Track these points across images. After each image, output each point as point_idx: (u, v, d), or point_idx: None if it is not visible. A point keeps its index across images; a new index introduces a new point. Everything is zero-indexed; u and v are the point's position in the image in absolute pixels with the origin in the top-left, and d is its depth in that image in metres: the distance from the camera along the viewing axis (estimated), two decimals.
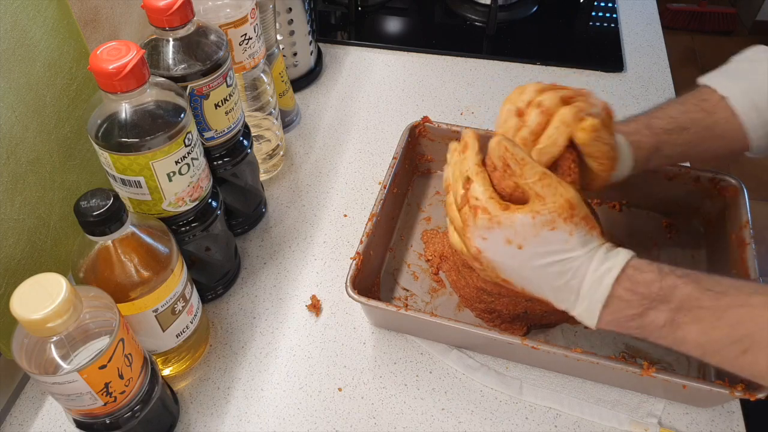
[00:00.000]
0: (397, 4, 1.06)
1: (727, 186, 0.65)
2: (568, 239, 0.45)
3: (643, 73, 0.91)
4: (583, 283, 0.46)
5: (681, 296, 0.44)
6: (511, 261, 0.47)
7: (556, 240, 0.45)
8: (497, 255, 0.47)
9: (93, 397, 0.44)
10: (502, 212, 0.46)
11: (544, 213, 0.45)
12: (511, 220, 0.46)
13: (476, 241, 0.48)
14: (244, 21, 0.62)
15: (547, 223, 0.45)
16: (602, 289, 0.45)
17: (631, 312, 0.45)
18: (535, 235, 0.46)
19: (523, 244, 0.46)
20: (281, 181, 0.77)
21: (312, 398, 0.58)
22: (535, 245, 0.46)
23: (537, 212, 0.45)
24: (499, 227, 0.46)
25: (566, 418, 0.56)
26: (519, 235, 0.46)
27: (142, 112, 0.47)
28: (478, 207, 0.48)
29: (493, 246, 0.47)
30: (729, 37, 2.55)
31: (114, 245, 0.46)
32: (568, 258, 0.46)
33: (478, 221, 0.47)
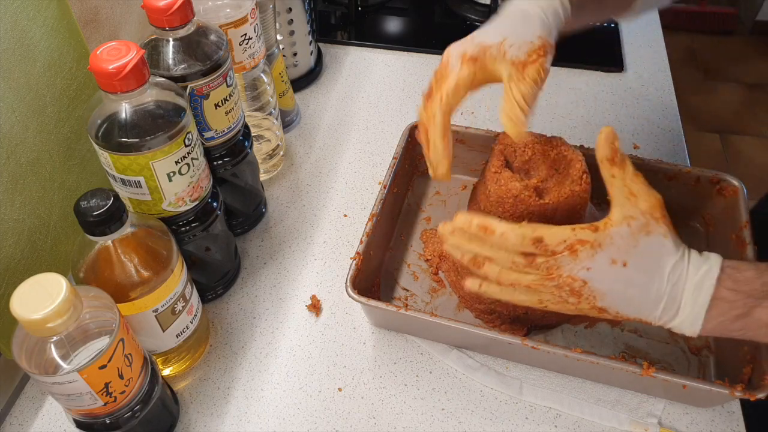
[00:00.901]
0: (397, 4, 1.06)
1: (727, 186, 0.65)
2: (664, 242, 0.45)
3: (643, 73, 0.91)
4: (684, 290, 0.45)
5: None
6: (617, 284, 0.46)
7: (654, 245, 0.45)
8: (603, 281, 0.46)
9: (93, 397, 0.44)
10: (597, 234, 0.45)
11: (638, 216, 0.45)
12: (610, 237, 0.45)
13: (580, 274, 0.46)
14: (244, 21, 0.62)
15: (643, 227, 0.45)
16: (705, 292, 0.44)
17: (736, 312, 0.44)
18: (635, 246, 0.45)
19: (627, 260, 0.45)
20: (281, 181, 0.77)
21: (312, 398, 0.58)
22: (637, 257, 0.45)
23: (631, 217, 0.45)
24: (601, 249, 0.45)
25: (566, 418, 0.56)
26: (622, 250, 0.45)
27: (142, 112, 0.47)
28: (573, 243, 0.45)
29: (598, 272, 0.45)
30: (729, 37, 2.55)
31: (114, 245, 0.46)
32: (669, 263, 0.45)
33: (581, 254, 0.45)
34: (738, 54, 2.47)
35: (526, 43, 0.50)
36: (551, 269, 0.46)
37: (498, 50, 0.51)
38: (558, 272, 0.46)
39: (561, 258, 0.46)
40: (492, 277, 0.49)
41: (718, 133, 2.16)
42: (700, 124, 2.18)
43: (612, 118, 0.84)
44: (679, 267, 0.45)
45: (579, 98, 0.87)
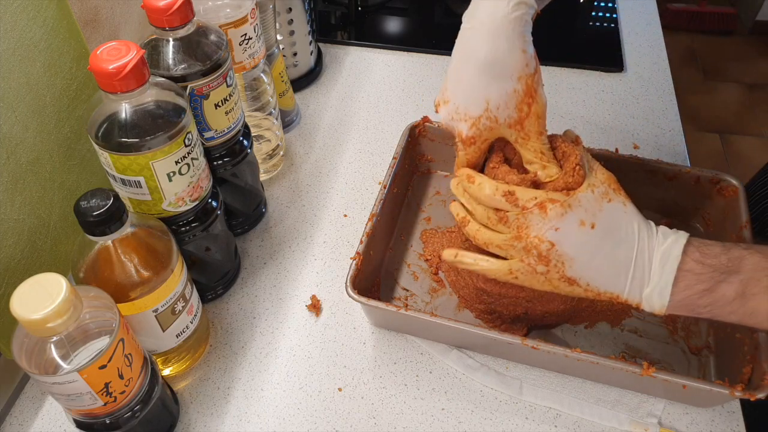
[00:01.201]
0: (397, 4, 1.06)
1: (727, 186, 0.65)
2: (625, 210, 0.48)
3: (643, 73, 0.91)
4: (652, 258, 0.46)
5: (750, 266, 0.44)
6: (585, 247, 0.47)
7: (617, 211, 0.47)
8: (572, 243, 0.48)
9: (93, 397, 0.44)
10: (567, 197, 0.48)
11: (598, 184, 0.48)
12: (578, 200, 0.48)
13: (548, 235, 0.47)
14: (244, 21, 0.62)
15: (604, 194, 0.48)
16: (672, 261, 0.45)
17: (702, 287, 0.45)
18: (600, 209, 0.47)
19: (594, 222, 0.47)
20: (281, 181, 0.77)
21: (312, 398, 0.58)
22: (603, 220, 0.47)
23: (593, 185, 0.48)
24: (570, 210, 0.47)
25: (566, 418, 0.56)
26: (589, 212, 0.47)
27: (142, 112, 0.47)
28: (544, 201, 0.48)
29: (567, 233, 0.47)
30: (729, 37, 2.55)
31: (114, 245, 0.46)
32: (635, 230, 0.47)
33: (550, 212, 0.48)
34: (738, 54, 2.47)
35: (509, 95, 0.50)
36: (521, 228, 0.48)
37: (489, 120, 0.51)
38: (527, 231, 0.48)
39: (531, 216, 0.48)
40: (470, 234, 0.52)
41: (718, 133, 2.16)
42: (700, 124, 2.18)
43: (612, 118, 0.84)
44: (644, 234, 0.47)
45: (579, 98, 0.87)
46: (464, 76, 0.51)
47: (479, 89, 0.50)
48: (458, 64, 0.52)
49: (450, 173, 0.76)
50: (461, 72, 0.51)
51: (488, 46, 0.49)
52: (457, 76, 0.52)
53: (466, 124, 0.52)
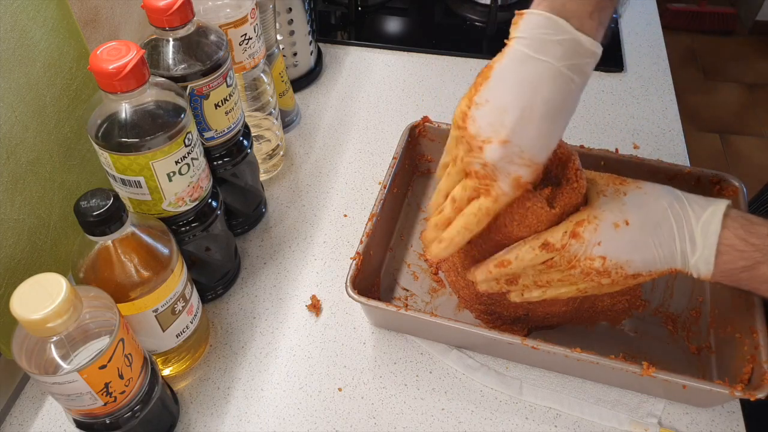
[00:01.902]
0: (397, 4, 1.06)
1: (728, 186, 0.65)
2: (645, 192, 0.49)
3: (643, 73, 0.91)
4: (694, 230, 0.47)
5: None
6: (631, 245, 0.48)
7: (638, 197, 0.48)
8: (618, 248, 0.48)
9: (93, 397, 0.44)
10: (589, 210, 0.48)
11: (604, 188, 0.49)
12: (600, 208, 0.48)
13: (595, 252, 0.48)
14: (244, 21, 0.62)
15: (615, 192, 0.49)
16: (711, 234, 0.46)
17: (743, 263, 0.46)
18: (623, 204, 0.48)
19: (626, 218, 0.48)
20: (281, 181, 0.77)
21: (312, 398, 0.58)
22: (633, 213, 0.48)
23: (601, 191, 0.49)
24: (599, 220, 0.48)
25: (566, 418, 0.56)
26: (615, 211, 0.48)
27: (142, 112, 0.47)
28: (574, 232, 0.49)
29: (610, 242, 0.48)
30: (729, 37, 2.55)
31: (114, 245, 0.46)
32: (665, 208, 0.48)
33: (585, 234, 0.48)
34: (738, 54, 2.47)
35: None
36: (570, 260, 0.49)
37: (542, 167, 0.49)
38: (576, 260, 0.49)
39: (571, 247, 0.48)
40: (529, 285, 0.53)
41: (718, 133, 2.16)
42: (700, 124, 2.18)
43: (612, 118, 0.84)
44: (675, 206, 0.48)
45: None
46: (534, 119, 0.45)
47: (548, 135, 0.46)
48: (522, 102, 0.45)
49: None
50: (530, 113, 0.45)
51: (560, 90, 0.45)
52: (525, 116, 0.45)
53: (529, 169, 0.46)
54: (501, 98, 0.45)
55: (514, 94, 0.45)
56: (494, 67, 0.46)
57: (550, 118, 0.45)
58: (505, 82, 0.45)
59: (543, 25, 0.44)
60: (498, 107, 0.45)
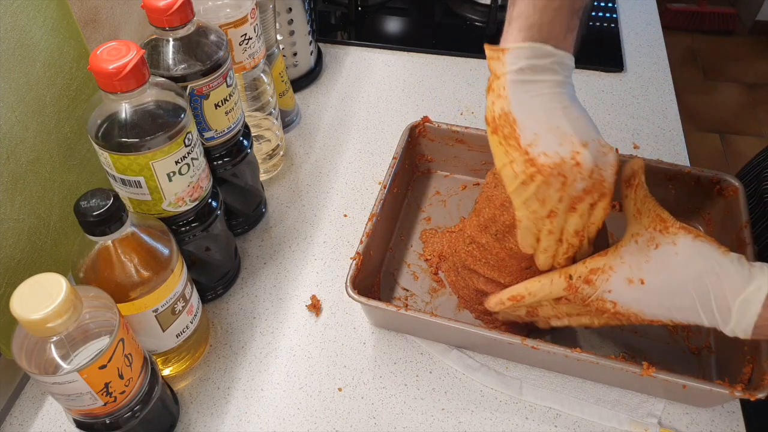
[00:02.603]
0: (397, 4, 1.06)
1: (727, 186, 0.65)
2: (678, 250, 0.45)
3: (643, 73, 0.91)
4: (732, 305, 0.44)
5: None
6: (646, 299, 0.47)
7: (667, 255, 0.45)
8: (630, 299, 0.47)
9: (93, 397, 0.44)
10: (605, 257, 0.47)
11: (643, 232, 0.46)
12: (620, 257, 0.47)
13: (606, 297, 0.48)
14: (244, 21, 0.62)
15: (650, 241, 0.45)
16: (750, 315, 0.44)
17: None
18: (647, 261, 0.45)
19: (642, 277, 0.46)
20: (281, 181, 0.77)
21: (312, 398, 0.58)
22: (652, 272, 0.45)
23: (637, 234, 0.46)
24: (612, 271, 0.47)
25: (566, 418, 0.56)
26: (634, 268, 0.46)
27: (142, 112, 0.47)
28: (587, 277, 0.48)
29: (621, 293, 0.47)
30: (729, 37, 2.55)
31: (114, 245, 0.46)
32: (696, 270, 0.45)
33: (597, 282, 0.48)
34: (738, 54, 2.47)
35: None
36: (584, 299, 0.49)
37: None
38: (589, 300, 0.49)
39: (583, 290, 0.49)
40: (549, 315, 0.54)
41: (718, 133, 2.16)
42: (700, 124, 2.18)
43: (612, 118, 0.84)
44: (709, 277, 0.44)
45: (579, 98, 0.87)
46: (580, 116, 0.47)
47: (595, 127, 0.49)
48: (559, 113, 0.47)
49: (450, 173, 0.76)
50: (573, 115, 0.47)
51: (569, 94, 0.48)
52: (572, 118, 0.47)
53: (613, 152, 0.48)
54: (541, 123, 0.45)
55: (547, 111, 0.45)
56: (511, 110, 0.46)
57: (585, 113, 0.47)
58: (531, 110, 0.46)
59: (530, 55, 0.45)
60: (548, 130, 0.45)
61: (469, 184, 0.75)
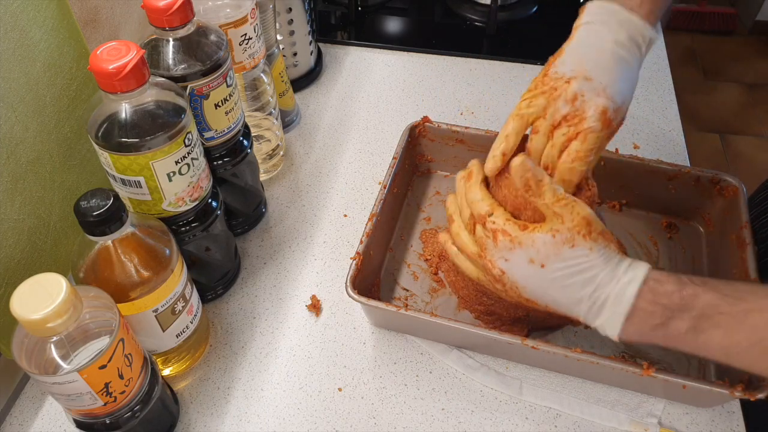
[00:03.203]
0: (397, 4, 1.06)
1: (727, 186, 0.65)
2: (589, 254, 0.47)
3: (643, 73, 0.91)
4: (607, 297, 0.46)
5: (702, 304, 0.45)
6: (534, 280, 0.48)
7: (577, 256, 0.47)
8: (521, 275, 0.48)
9: (93, 397, 0.44)
10: (521, 233, 0.48)
11: (564, 231, 0.47)
12: (532, 240, 0.47)
13: (499, 263, 0.49)
14: (244, 21, 0.62)
15: (567, 240, 0.47)
16: (625, 302, 0.46)
17: (654, 322, 0.46)
18: (557, 254, 0.47)
19: (545, 263, 0.47)
20: (281, 181, 0.77)
21: (312, 398, 0.58)
22: (557, 263, 0.47)
23: (557, 230, 0.47)
24: (520, 247, 0.48)
25: (566, 418, 0.56)
26: (541, 254, 0.47)
27: (142, 112, 0.47)
28: (497, 230, 0.49)
29: (516, 266, 0.48)
30: (729, 37, 2.55)
31: (114, 245, 0.46)
32: (591, 274, 0.47)
33: (500, 243, 0.49)
34: (738, 54, 2.47)
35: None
36: (482, 248, 0.50)
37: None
38: (485, 253, 0.50)
39: (487, 241, 0.50)
40: (452, 232, 0.55)
41: (718, 133, 2.16)
42: (700, 124, 2.18)
43: None
44: (600, 275, 0.46)
45: None
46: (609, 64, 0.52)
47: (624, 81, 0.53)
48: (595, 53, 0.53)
49: (450, 173, 0.76)
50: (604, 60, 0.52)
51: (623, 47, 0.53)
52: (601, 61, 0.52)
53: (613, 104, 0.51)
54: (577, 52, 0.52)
55: (588, 47, 0.52)
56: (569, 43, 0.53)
57: (621, 67, 0.51)
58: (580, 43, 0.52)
59: (600, 11, 0.53)
60: (577, 57, 0.52)
61: None
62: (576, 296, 0.47)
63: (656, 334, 0.46)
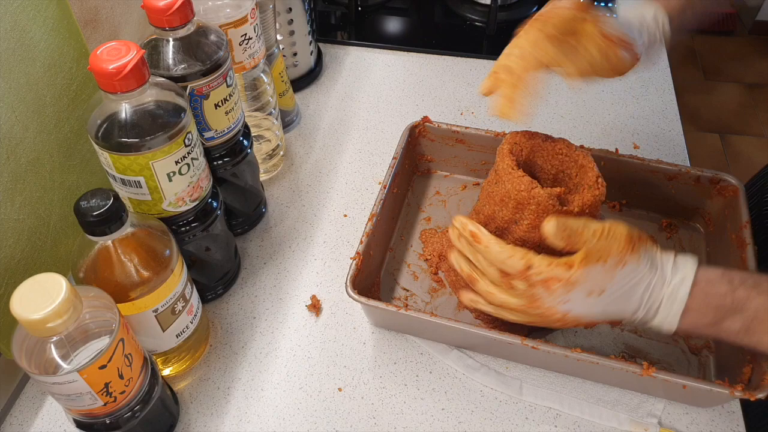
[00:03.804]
0: (397, 4, 1.06)
1: (727, 186, 0.65)
2: (638, 267, 0.47)
3: (643, 73, 0.91)
4: (661, 300, 0.48)
5: (754, 307, 0.46)
6: (595, 308, 0.48)
7: (629, 273, 0.47)
8: (582, 309, 0.48)
9: (93, 397, 0.44)
10: (571, 272, 0.47)
11: (614, 253, 0.47)
12: (586, 275, 0.47)
13: (559, 307, 0.48)
14: (244, 21, 0.62)
15: (618, 263, 0.47)
16: (678, 302, 0.47)
17: (706, 321, 0.48)
18: (612, 278, 0.47)
19: (603, 289, 0.48)
20: (281, 181, 0.77)
21: (312, 398, 0.58)
22: (613, 286, 0.47)
23: (606, 256, 0.47)
24: (576, 286, 0.47)
25: (566, 418, 0.56)
26: (597, 284, 0.47)
27: (142, 112, 0.47)
28: (546, 279, 0.48)
29: (576, 304, 0.48)
30: (729, 37, 2.55)
31: (114, 245, 0.46)
32: (645, 283, 0.48)
33: (554, 291, 0.48)
34: (738, 54, 2.47)
35: None
36: (533, 298, 0.49)
37: None
38: (540, 302, 0.48)
39: (538, 291, 0.48)
40: (482, 293, 0.52)
41: (718, 133, 2.16)
42: (700, 124, 2.18)
43: (612, 118, 0.84)
44: (654, 282, 0.48)
45: (579, 98, 0.87)
46: None
47: None
48: None
49: (450, 173, 0.76)
50: None
51: None
52: None
53: None
54: None
55: None
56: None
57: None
58: None
59: None
60: None
61: (469, 184, 0.75)
62: (633, 307, 0.48)
63: (709, 330, 0.48)
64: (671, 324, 0.48)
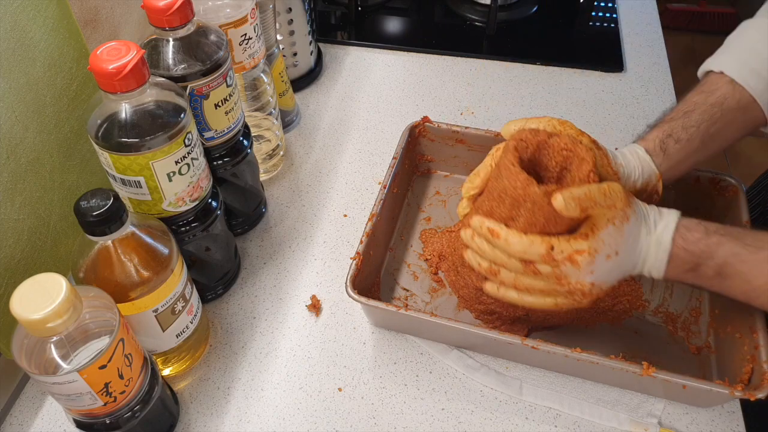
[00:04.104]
0: (397, 4, 1.06)
1: (727, 186, 0.65)
2: (636, 219, 0.50)
3: (643, 73, 0.91)
4: (649, 246, 0.51)
5: (725, 252, 0.49)
6: (614, 272, 0.50)
7: (633, 227, 0.50)
8: (605, 275, 0.50)
9: (93, 397, 0.44)
10: (589, 241, 0.49)
11: (618, 214, 0.49)
12: (602, 240, 0.49)
13: (587, 279, 0.49)
14: (244, 21, 0.62)
15: (623, 218, 0.49)
16: (662, 250, 0.50)
17: (686, 267, 0.51)
18: (621, 235, 0.49)
19: (618, 250, 0.49)
20: (281, 181, 0.77)
21: (312, 398, 0.58)
22: (624, 243, 0.50)
23: (612, 217, 0.49)
24: (597, 253, 0.49)
25: (566, 418, 0.56)
26: (612, 245, 0.49)
27: (142, 112, 0.47)
28: (570, 256, 0.49)
29: (600, 271, 0.49)
30: None
31: (114, 245, 0.46)
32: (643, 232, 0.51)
33: (580, 264, 0.48)
34: None
35: None
36: (560, 277, 0.49)
37: None
38: (567, 280, 0.49)
39: (565, 268, 0.49)
40: (508, 282, 0.52)
41: None
42: None
43: (612, 118, 0.84)
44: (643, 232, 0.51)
45: (579, 98, 0.87)
46: None
47: None
48: None
49: (450, 173, 0.76)
50: None
51: None
52: None
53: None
54: None
55: None
56: None
57: None
58: None
59: None
60: None
61: None
62: (636, 258, 0.51)
63: (689, 276, 0.51)
64: (659, 270, 0.51)
